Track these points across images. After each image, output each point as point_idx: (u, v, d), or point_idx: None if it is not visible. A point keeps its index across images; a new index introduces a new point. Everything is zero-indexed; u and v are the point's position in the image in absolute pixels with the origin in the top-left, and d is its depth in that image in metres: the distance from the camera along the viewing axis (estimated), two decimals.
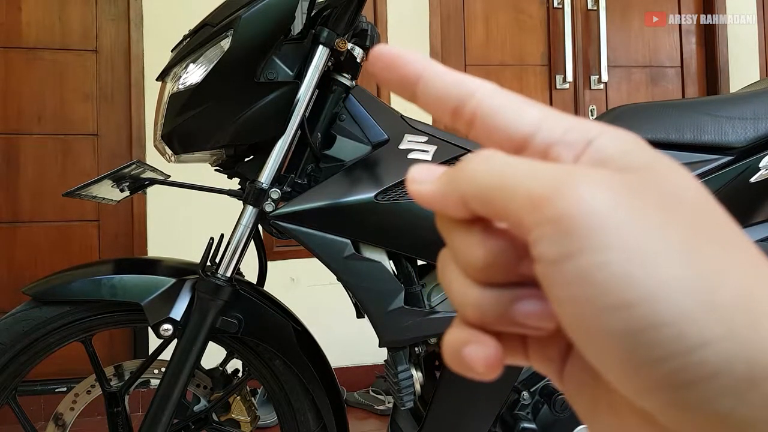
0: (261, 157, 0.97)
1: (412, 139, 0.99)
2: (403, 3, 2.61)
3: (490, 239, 0.19)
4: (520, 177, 0.18)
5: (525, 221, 0.17)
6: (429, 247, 0.95)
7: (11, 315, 0.99)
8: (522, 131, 0.20)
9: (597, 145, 0.19)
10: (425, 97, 0.22)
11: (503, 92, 0.21)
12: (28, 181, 2.33)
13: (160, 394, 0.97)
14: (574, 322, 0.17)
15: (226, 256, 0.98)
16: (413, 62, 0.22)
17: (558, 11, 2.77)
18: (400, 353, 0.97)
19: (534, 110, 0.20)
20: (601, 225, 0.16)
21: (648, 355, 0.16)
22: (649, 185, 0.17)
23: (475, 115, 0.21)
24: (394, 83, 0.23)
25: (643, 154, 0.18)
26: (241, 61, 0.92)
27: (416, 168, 0.21)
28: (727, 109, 0.99)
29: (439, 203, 0.20)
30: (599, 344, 0.17)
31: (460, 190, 0.19)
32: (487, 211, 0.19)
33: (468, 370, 0.20)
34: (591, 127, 0.19)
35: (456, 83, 0.21)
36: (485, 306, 0.19)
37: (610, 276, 0.16)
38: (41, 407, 2.17)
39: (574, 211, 0.16)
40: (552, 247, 0.17)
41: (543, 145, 0.20)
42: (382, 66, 0.22)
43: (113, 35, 2.41)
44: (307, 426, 1.08)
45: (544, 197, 0.17)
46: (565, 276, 0.17)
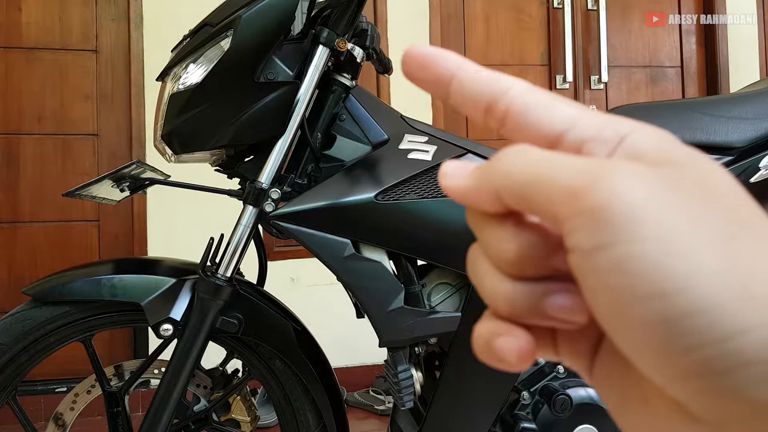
0: (261, 157, 0.97)
1: (412, 139, 0.99)
2: (403, 3, 2.61)
3: (522, 233, 0.20)
4: (556, 170, 0.18)
5: (561, 213, 0.18)
6: (429, 247, 0.95)
7: (11, 315, 0.99)
8: (555, 128, 0.20)
9: (630, 142, 0.19)
10: (459, 96, 0.22)
11: (536, 89, 0.21)
12: (28, 181, 2.33)
13: (160, 394, 0.97)
14: (607, 311, 0.17)
15: (226, 256, 0.98)
16: (447, 61, 0.22)
17: (558, 11, 2.77)
18: (400, 353, 0.97)
19: (567, 107, 0.21)
20: (638, 216, 0.16)
21: (683, 343, 0.16)
22: (684, 178, 0.18)
23: (508, 113, 0.21)
24: (427, 83, 0.23)
25: (677, 150, 0.19)
26: (241, 61, 0.92)
27: (449, 163, 0.21)
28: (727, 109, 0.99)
29: (472, 197, 0.20)
30: (633, 333, 0.17)
31: (495, 184, 0.20)
32: (522, 204, 0.19)
33: (499, 361, 0.20)
34: (624, 124, 0.20)
35: (489, 81, 0.22)
36: (517, 299, 0.20)
37: (645, 266, 0.16)
38: (41, 407, 2.17)
39: (610, 202, 0.17)
40: (588, 237, 0.17)
41: (576, 142, 0.20)
42: (416, 66, 0.23)
43: (113, 35, 2.41)
44: (307, 426, 1.08)
45: (580, 189, 0.17)
46: (600, 266, 0.17)
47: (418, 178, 0.94)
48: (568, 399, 1.01)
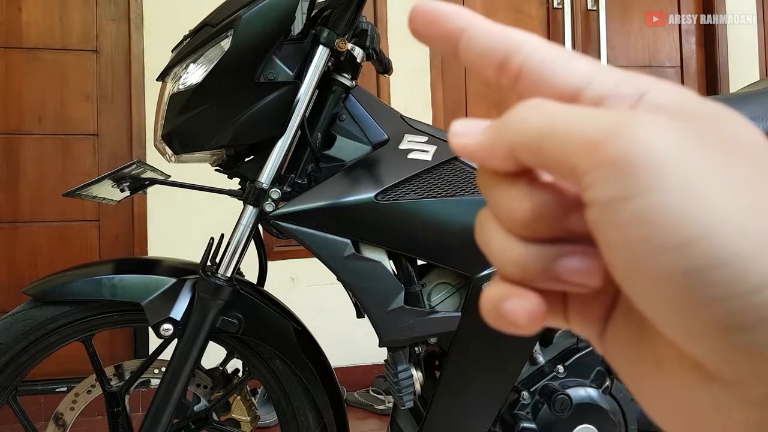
0: (261, 157, 0.98)
1: (412, 139, 0.99)
2: (403, 3, 2.61)
3: (536, 191, 0.19)
4: (573, 122, 0.17)
5: (579, 165, 0.17)
6: (429, 247, 0.95)
7: (11, 315, 0.99)
8: (572, 84, 0.19)
9: (651, 98, 0.18)
10: (469, 52, 0.21)
11: (551, 45, 0.21)
12: (28, 181, 2.33)
13: (160, 394, 0.97)
14: (627, 267, 0.17)
15: (226, 256, 0.98)
16: (456, 16, 0.22)
17: (558, 11, 2.77)
18: (400, 353, 0.97)
19: (584, 63, 0.20)
20: (660, 166, 0.16)
21: (706, 295, 0.15)
22: (707, 130, 0.17)
23: (522, 69, 0.20)
24: (435, 39, 0.22)
25: (699, 104, 0.18)
26: (242, 61, 0.92)
27: (458, 122, 0.21)
28: None
29: (484, 155, 0.20)
30: (654, 287, 0.16)
31: (509, 139, 0.19)
32: (537, 159, 0.18)
33: (509, 324, 0.19)
34: (644, 80, 0.19)
35: (501, 37, 0.21)
36: (528, 262, 0.19)
37: (667, 215, 0.16)
38: (41, 407, 2.17)
39: (632, 153, 0.16)
40: (607, 189, 0.16)
41: (594, 99, 0.19)
42: (424, 21, 0.22)
43: (113, 35, 2.41)
44: (307, 426, 1.08)
45: (600, 140, 0.17)
46: (621, 218, 0.16)
47: (418, 178, 0.94)
48: (567, 399, 1.01)
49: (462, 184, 0.95)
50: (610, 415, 1.02)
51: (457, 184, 0.95)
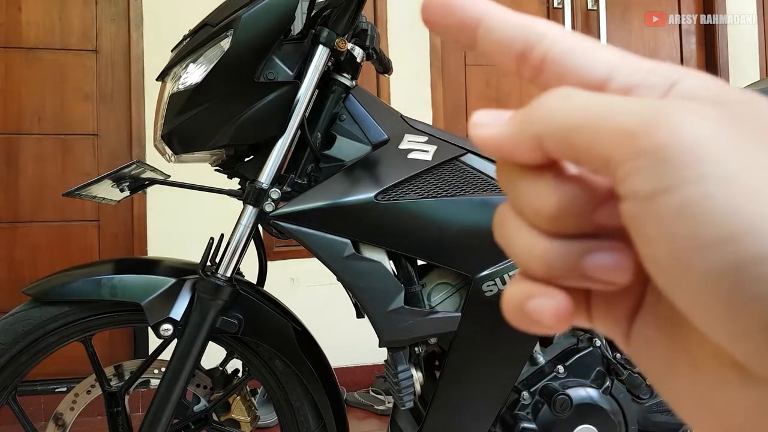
0: (261, 157, 0.97)
1: (412, 139, 0.99)
2: (403, 3, 2.61)
3: (563, 185, 0.18)
4: (607, 111, 0.17)
5: (615, 156, 0.16)
6: (429, 247, 0.95)
7: (11, 315, 0.99)
8: (598, 74, 0.19)
9: (682, 86, 0.18)
10: (488, 43, 0.20)
11: (574, 34, 0.20)
12: (28, 181, 2.33)
13: (160, 394, 0.97)
14: (667, 262, 0.16)
15: (226, 256, 0.98)
16: (473, 4, 0.21)
17: (558, 11, 2.77)
18: (400, 353, 0.97)
19: (610, 52, 0.19)
20: (703, 155, 0.15)
21: (753, 292, 0.15)
22: (748, 117, 0.16)
23: (545, 60, 0.19)
24: (451, 30, 0.21)
25: (732, 92, 0.17)
26: (241, 61, 0.92)
27: (480, 113, 0.20)
28: None
29: (509, 147, 0.19)
30: (696, 284, 0.15)
31: (536, 129, 0.18)
32: (567, 151, 0.17)
33: (533, 324, 0.19)
34: (674, 69, 0.18)
35: (522, 26, 0.20)
36: (554, 259, 0.18)
37: (712, 208, 0.15)
38: (41, 407, 2.17)
39: (672, 142, 0.15)
40: (647, 181, 0.16)
41: (622, 88, 0.18)
42: (439, 11, 0.21)
43: (113, 35, 2.41)
44: (307, 426, 1.08)
45: (638, 129, 0.16)
46: (661, 211, 0.15)
47: (418, 178, 0.94)
48: (568, 399, 1.01)
49: (462, 184, 0.95)
50: (611, 416, 1.02)
51: (457, 184, 0.95)
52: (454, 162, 0.96)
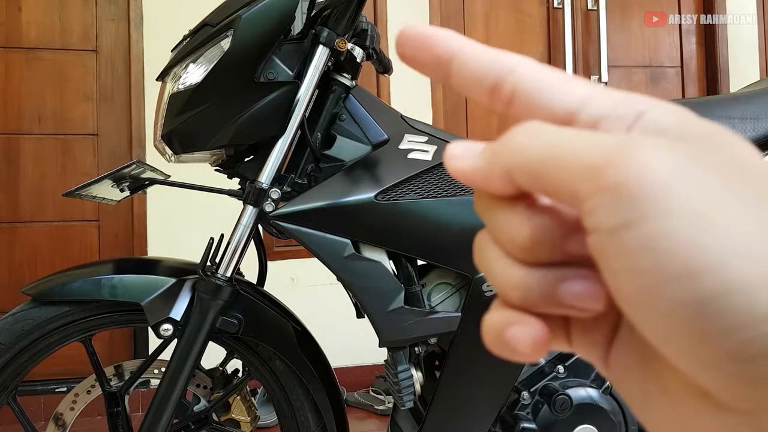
0: (261, 157, 0.97)
1: (412, 139, 0.99)
2: (403, 3, 2.61)
3: (535, 216, 0.19)
4: (574, 146, 0.17)
5: (581, 191, 0.17)
6: (429, 247, 0.95)
7: (11, 315, 0.99)
8: (566, 107, 0.19)
9: (649, 118, 0.18)
10: (461, 78, 0.21)
11: (544, 67, 0.20)
12: (28, 181, 2.33)
13: (160, 394, 0.97)
14: (633, 295, 0.16)
15: (226, 256, 0.98)
16: (446, 41, 0.21)
17: (558, 11, 2.77)
18: (400, 353, 0.97)
19: (578, 85, 0.19)
20: (665, 191, 0.15)
21: (717, 326, 0.15)
22: (711, 152, 0.16)
23: (515, 93, 0.20)
24: (426, 65, 0.21)
25: (700, 125, 0.18)
26: (241, 61, 0.92)
27: (454, 144, 0.20)
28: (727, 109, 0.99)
29: (482, 179, 0.19)
30: (662, 317, 0.16)
31: (507, 163, 0.18)
32: (536, 184, 0.18)
33: (512, 352, 0.19)
34: (641, 100, 0.19)
35: (493, 60, 0.20)
36: (530, 287, 0.19)
37: (676, 243, 0.15)
38: (41, 407, 2.17)
39: (635, 178, 0.16)
40: (611, 215, 0.16)
41: (590, 121, 0.19)
42: (413, 47, 0.21)
43: (113, 35, 2.41)
44: (307, 426, 1.08)
45: (602, 164, 0.16)
46: (625, 246, 0.16)
47: (418, 178, 0.94)
48: (568, 399, 1.01)
49: (462, 184, 0.95)
50: (611, 416, 1.02)
51: (457, 184, 0.95)
52: None
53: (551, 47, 2.78)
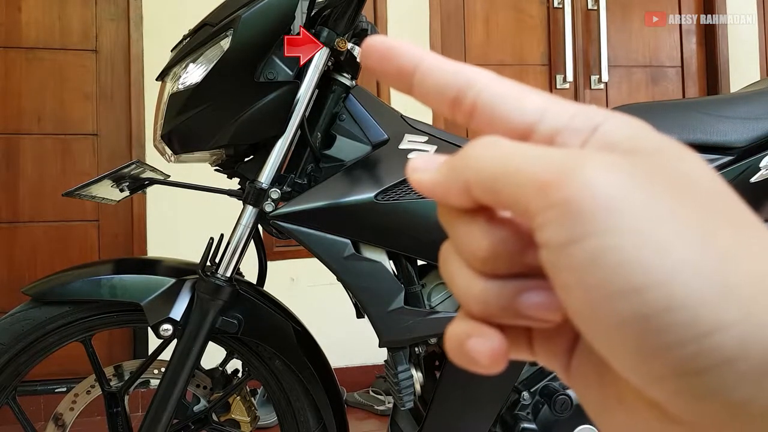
0: (261, 157, 0.97)
1: (412, 139, 0.98)
2: (403, 3, 2.61)
3: (494, 229, 0.19)
4: (525, 162, 0.17)
5: (531, 206, 0.17)
6: (429, 247, 0.95)
7: (11, 315, 0.99)
8: (525, 119, 0.20)
9: (604, 130, 0.18)
10: (423, 89, 0.21)
11: (504, 80, 0.21)
12: (28, 181, 2.33)
13: (160, 394, 0.97)
14: (582, 309, 0.16)
15: (226, 256, 0.98)
16: (409, 53, 0.21)
17: (558, 11, 2.77)
18: (400, 353, 0.97)
19: (537, 98, 0.20)
20: (612, 207, 0.16)
21: (661, 341, 0.15)
22: (659, 168, 0.17)
23: (476, 105, 0.20)
24: (390, 75, 0.22)
25: (651, 139, 0.18)
26: (241, 60, 0.92)
27: (416, 157, 0.21)
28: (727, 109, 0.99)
29: (441, 192, 0.20)
30: (609, 331, 0.16)
31: (464, 177, 0.19)
32: (492, 198, 0.18)
33: (472, 363, 0.19)
34: (597, 113, 0.19)
35: (455, 73, 0.21)
36: (489, 298, 0.19)
37: (621, 259, 0.15)
38: (41, 407, 2.17)
39: (582, 194, 0.16)
40: (560, 231, 0.16)
41: (548, 133, 0.19)
42: (377, 57, 0.22)
43: (113, 35, 2.41)
44: (307, 426, 1.08)
45: (551, 181, 0.17)
46: (574, 261, 0.16)
47: None
48: (568, 399, 1.01)
49: None
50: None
51: None
52: None
53: (551, 47, 2.78)
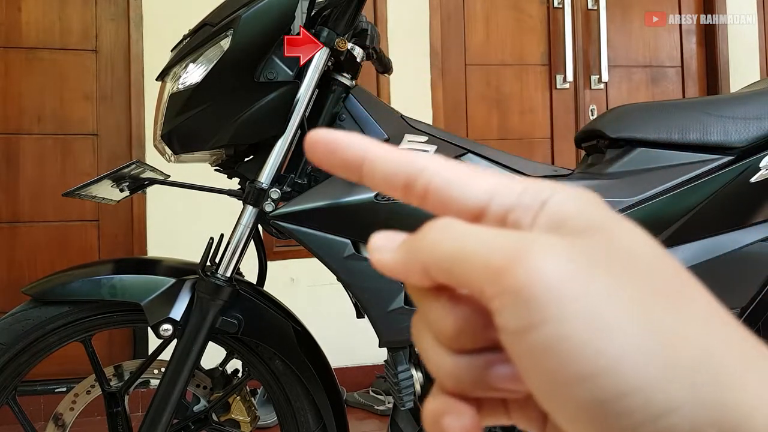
0: (261, 157, 0.97)
1: (412, 139, 0.98)
2: (403, 3, 2.61)
3: (458, 307, 0.19)
4: (477, 246, 0.18)
5: (486, 292, 0.17)
6: None
7: (11, 315, 0.99)
8: (476, 202, 0.20)
9: (550, 206, 0.19)
10: (372, 178, 0.22)
11: (452, 164, 0.21)
12: (28, 181, 2.33)
13: (160, 394, 0.97)
14: (542, 392, 0.17)
15: (226, 256, 0.98)
16: (354, 145, 0.22)
17: (558, 11, 2.77)
18: (400, 353, 0.97)
19: (485, 180, 0.20)
20: (558, 295, 0.16)
21: (617, 425, 0.16)
22: (602, 249, 0.17)
23: (427, 191, 0.21)
24: (336, 168, 0.22)
25: (595, 216, 0.18)
26: (241, 60, 0.92)
27: (377, 236, 0.21)
28: (727, 109, 0.99)
29: (401, 273, 0.20)
30: (569, 414, 0.16)
31: (421, 260, 0.19)
32: (450, 280, 0.19)
33: None
34: (544, 188, 0.19)
35: (402, 162, 0.21)
36: (461, 374, 0.19)
37: (572, 346, 0.16)
38: (41, 407, 2.17)
39: (532, 281, 0.16)
40: (514, 318, 0.17)
41: (500, 212, 0.20)
42: (323, 151, 0.22)
43: (113, 35, 2.41)
44: (307, 426, 1.08)
45: (501, 268, 0.17)
46: (530, 347, 0.16)
47: None
48: None
49: None
50: None
51: None
52: None
53: (551, 47, 2.78)
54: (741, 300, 0.97)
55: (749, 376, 0.16)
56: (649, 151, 0.98)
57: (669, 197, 0.94)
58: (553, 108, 2.78)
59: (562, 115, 2.79)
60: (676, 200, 0.95)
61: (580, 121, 2.79)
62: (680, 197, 0.95)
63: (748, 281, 0.97)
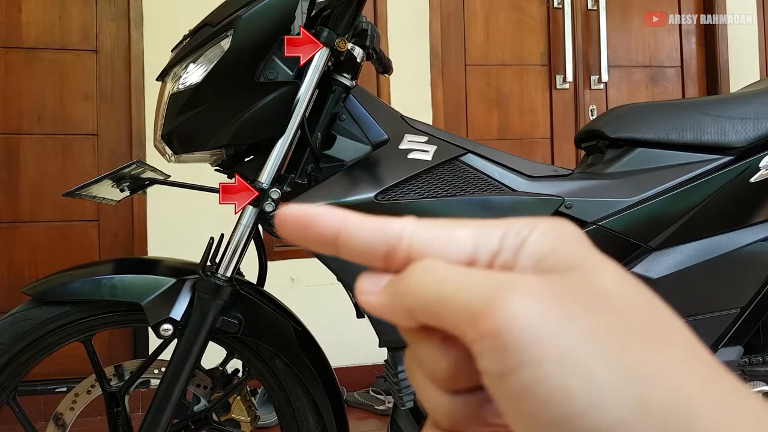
0: (261, 157, 0.97)
1: (412, 139, 0.99)
2: (403, 3, 2.61)
3: (450, 349, 0.19)
4: (457, 289, 0.18)
5: (467, 335, 0.18)
6: None
7: (11, 315, 0.99)
8: (463, 253, 0.20)
9: (529, 244, 0.19)
10: (350, 251, 0.21)
11: (428, 224, 0.21)
12: (28, 181, 2.33)
13: (160, 394, 0.97)
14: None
15: (226, 256, 0.98)
16: (327, 220, 0.21)
17: (558, 11, 2.77)
18: (400, 353, 0.97)
19: (464, 232, 0.20)
20: (535, 338, 0.16)
21: None
22: (578, 288, 0.18)
23: (410, 255, 0.20)
24: (310, 243, 0.22)
25: (570, 254, 0.18)
26: (241, 61, 0.92)
27: (363, 278, 0.21)
28: (727, 109, 0.99)
29: (388, 315, 0.20)
30: None
31: (405, 302, 0.19)
32: (434, 322, 0.19)
33: None
34: (523, 226, 0.20)
35: (379, 230, 0.21)
36: (456, 413, 0.19)
37: (549, 389, 0.16)
38: (41, 407, 2.17)
39: (508, 325, 0.17)
40: (493, 362, 0.17)
41: (487, 258, 0.20)
42: (295, 227, 0.21)
43: (113, 35, 2.41)
44: (307, 426, 1.08)
45: (480, 311, 0.17)
46: (510, 390, 0.17)
47: (418, 178, 0.94)
48: None
49: (462, 184, 0.95)
50: None
51: (457, 184, 0.95)
52: (454, 162, 0.96)
53: (551, 47, 2.78)
54: (741, 300, 0.97)
55: (722, 419, 0.16)
56: (648, 151, 0.98)
57: (669, 197, 0.94)
58: (552, 108, 2.78)
59: (561, 115, 2.79)
60: (676, 200, 0.95)
61: (579, 122, 2.79)
62: (680, 197, 0.95)
63: (747, 281, 0.97)
